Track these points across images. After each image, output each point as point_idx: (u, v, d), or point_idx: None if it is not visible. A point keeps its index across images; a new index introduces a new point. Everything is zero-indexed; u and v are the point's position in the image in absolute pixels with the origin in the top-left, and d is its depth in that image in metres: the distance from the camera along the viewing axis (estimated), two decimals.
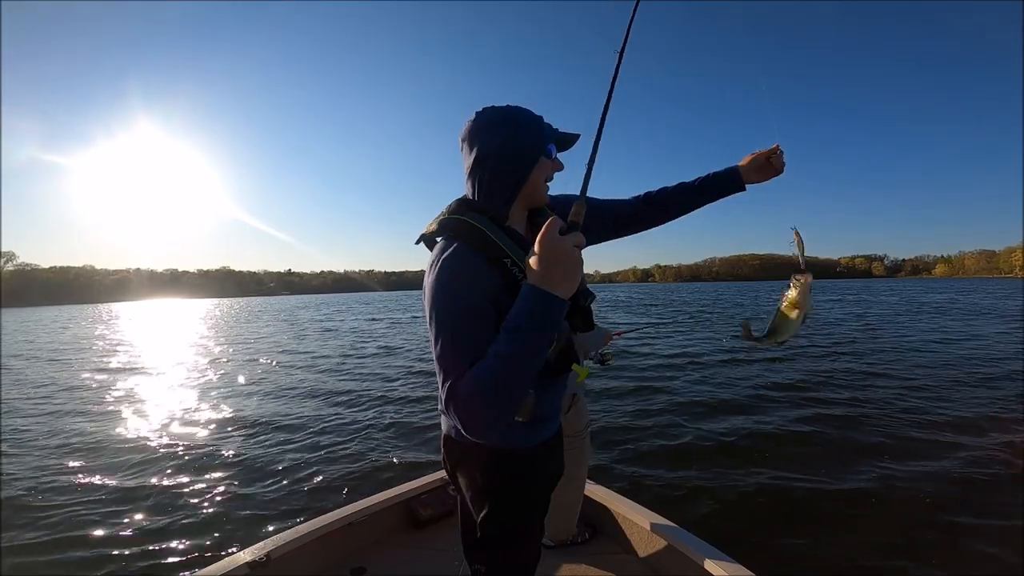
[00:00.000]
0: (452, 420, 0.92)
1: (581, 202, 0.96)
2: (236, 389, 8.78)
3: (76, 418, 7.00)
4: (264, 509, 3.84)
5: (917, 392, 6.72)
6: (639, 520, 2.28)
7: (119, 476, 4.63)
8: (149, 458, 5.11)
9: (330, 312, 37.45)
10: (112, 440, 5.83)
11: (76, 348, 17.21)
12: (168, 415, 6.97)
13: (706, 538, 2.08)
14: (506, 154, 1.06)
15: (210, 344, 17.00)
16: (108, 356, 14.47)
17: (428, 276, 1.02)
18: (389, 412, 6.56)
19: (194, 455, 5.15)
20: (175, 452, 5.28)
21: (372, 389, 8.16)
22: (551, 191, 1.19)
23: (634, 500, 2.44)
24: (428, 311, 0.99)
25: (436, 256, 1.03)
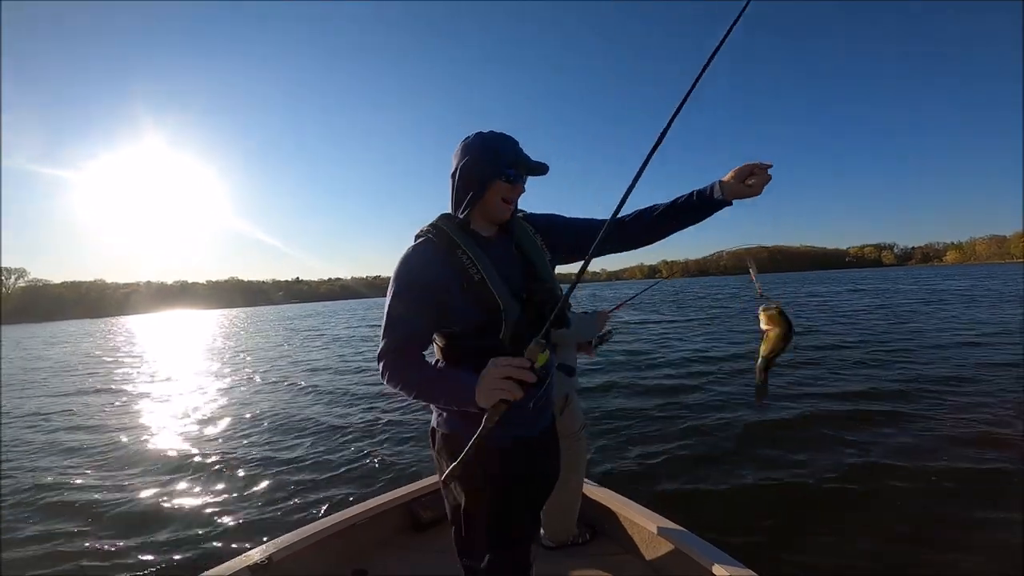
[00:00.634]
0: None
1: (538, 342, 1.04)
2: (237, 394, 8.85)
3: (85, 425, 7.10)
4: (266, 511, 3.87)
5: (949, 384, 6.61)
6: (639, 520, 2.28)
7: (121, 479, 4.68)
8: (151, 461, 5.17)
9: (334, 320, 37.42)
10: (116, 445, 5.92)
11: (88, 362, 17.35)
12: (172, 421, 7.05)
13: (708, 538, 2.07)
14: (468, 174, 1.26)
15: (216, 353, 17.12)
16: (115, 368, 14.58)
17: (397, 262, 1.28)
18: (389, 414, 6.57)
19: (196, 459, 5.20)
20: (177, 456, 5.35)
21: (373, 392, 8.17)
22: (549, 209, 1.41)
23: (634, 500, 2.44)
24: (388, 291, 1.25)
25: (405, 253, 1.26)
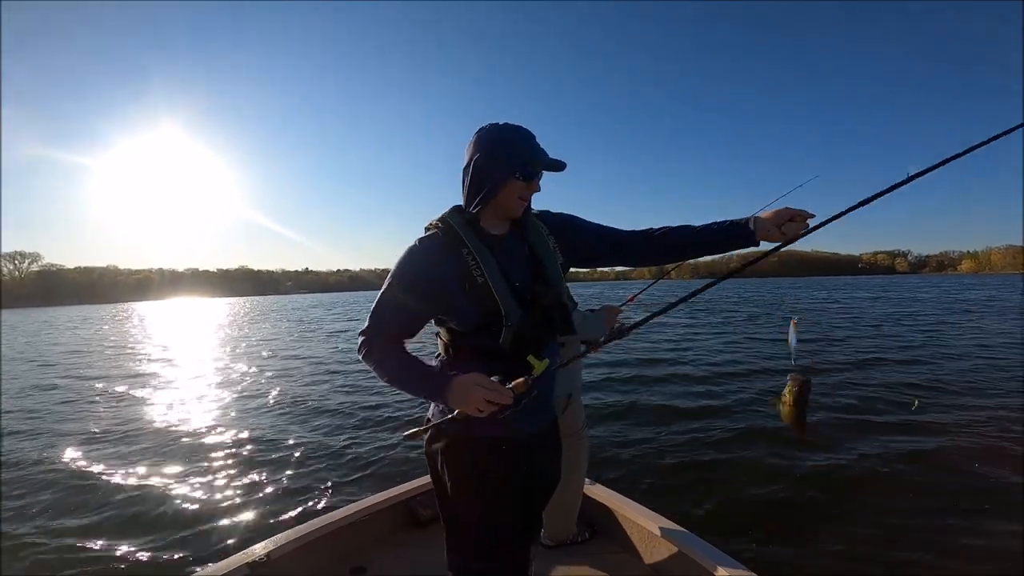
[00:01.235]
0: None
1: (525, 380, 1.11)
2: (236, 388, 8.86)
3: (85, 418, 7.09)
4: (265, 508, 3.87)
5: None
6: (639, 520, 2.27)
7: (120, 476, 4.66)
8: (151, 458, 5.16)
9: (339, 311, 37.77)
10: (115, 440, 5.90)
11: (91, 348, 17.63)
12: (170, 415, 7.04)
13: (707, 538, 2.08)
14: (480, 170, 1.22)
15: (219, 344, 17.22)
16: (116, 357, 14.77)
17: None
18: (389, 411, 6.59)
19: (195, 455, 5.20)
20: (177, 452, 5.34)
21: (372, 388, 8.18)
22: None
23: (634, 500, 2.43)
24: None
25: (410, 246, 1.25)
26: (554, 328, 1.25)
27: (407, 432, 1.21)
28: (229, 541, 3.39)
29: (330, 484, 4.28)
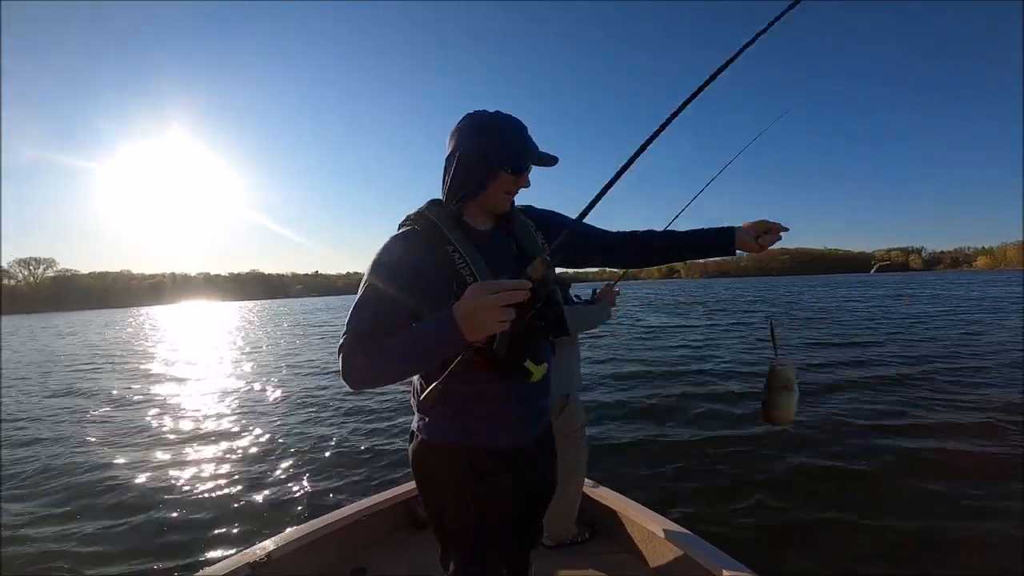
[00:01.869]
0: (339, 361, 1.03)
1: (543, 258, 0.95)
2: (239, 390, 8.90)
3: (86, 420, 7.12)
4: (265, 509, 3.88)
5: None
6: (639, 520, 2.27)
7: (120, 476, 4.68)
8: (150, 459, 5.15)
9: (344, 315, 37.81)
10: (116, 440, 5.92)
11: (104, 353, 17.84)
12: (173, 416, 7.05)
13: (707, 537, 2.06)
14: (469, 161, 1.13)
15: (225, 347, 17.30)
16: (125, 360, 14.94)
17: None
18: (389, 412, 6.58)
19: (195, 456, 5.21)
20: (176, 453, 5.33)
21: (373, 389, 8.15)
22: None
23: (634, 500, 2.43)
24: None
25: (388, 239, 1.15)
26: (548, 329, 1.16)
27: (424, 395, 1.02)
28: (230, 541, 3.40)
29: (330, 484, 4.27)
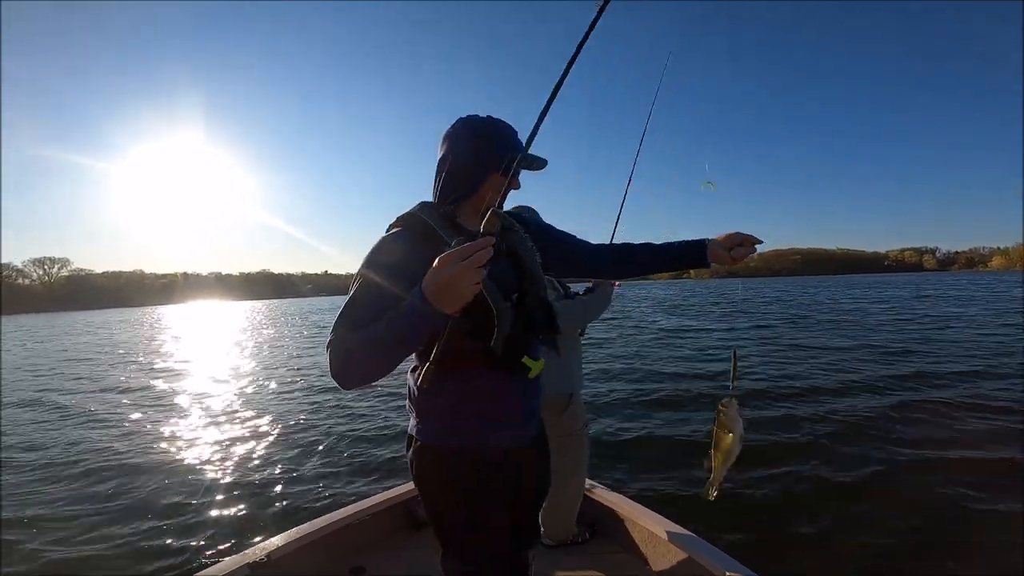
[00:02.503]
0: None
1: (494, 211, 0.97)
2: (239, 388, 8.93)
3: (89, 420, 7.12)
4: (265, 509, 3.86)
5: None
6: (639, 520, 2.25)
7: (120, 475, 4.67)
8: (150, 458, 5.14)
9: None
10: (116, 440, 5.91)
11: (111, 352, 18.02)
12: (172, 416, 7.05)
13: (707, 538, 2.05)
14: (462, 163, 1.16)
15: (231, 345, 17.38)
16: (132, 359, 15.07)
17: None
18: (389, 412, 6.57)
19: (195, 456, 5.19)
20: (175, 453, 5.32)
21: (372, 389, 8.13)
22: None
23: (634, 500, 2.41)
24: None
25: (379, 240, 1.14)
26: (537, 328, 1.18)
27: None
28: (229, 541, 3.38)
29: (330, 485, 4.26)
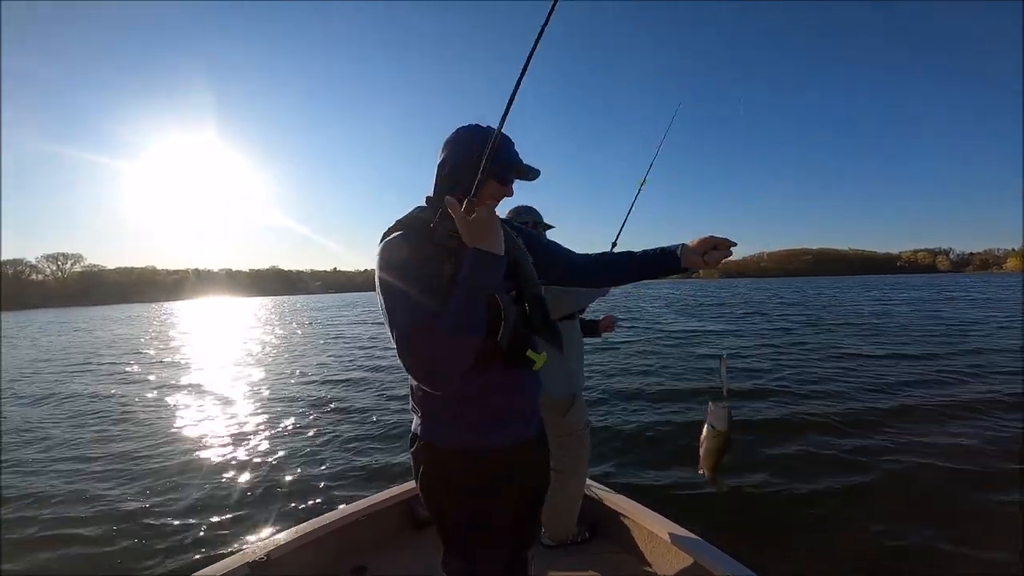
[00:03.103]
0: (406, 367, 1.04)
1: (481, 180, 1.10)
2: (242, 387, 8.97)
3: (90, 419, 7.16)
4: (265, 509, 3.87)
5: None
6: (639, 520, 2.25)
7: (120, 475, 4.70)
8: (150, 458, 5.16)
9: (357, 311, 38.14)
10: (115, 439, 5.95)
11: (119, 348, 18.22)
12: (173, 415, 7.08)
13: (706, 537, 2.05)
14: (459, 169, 1.20)
15: (237, 343, 17.51)
16: (140, 356, 15.21)
17: (376, 262, 1.13)
18: (391, 411, 6.60)
19: (195, 455, 5.20)
20: (176, 452, 5.34)
21: (374, 388, 8.19)
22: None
23: (634, 500, 2.41)
24: (378, 289, 1.10)
25: (382, 245, 1.15)
26: (534, 322, 1.23)
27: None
28: (229, 541, 3.39)
29: (330, 484, 4.27)
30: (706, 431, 1.34)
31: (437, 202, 1.21)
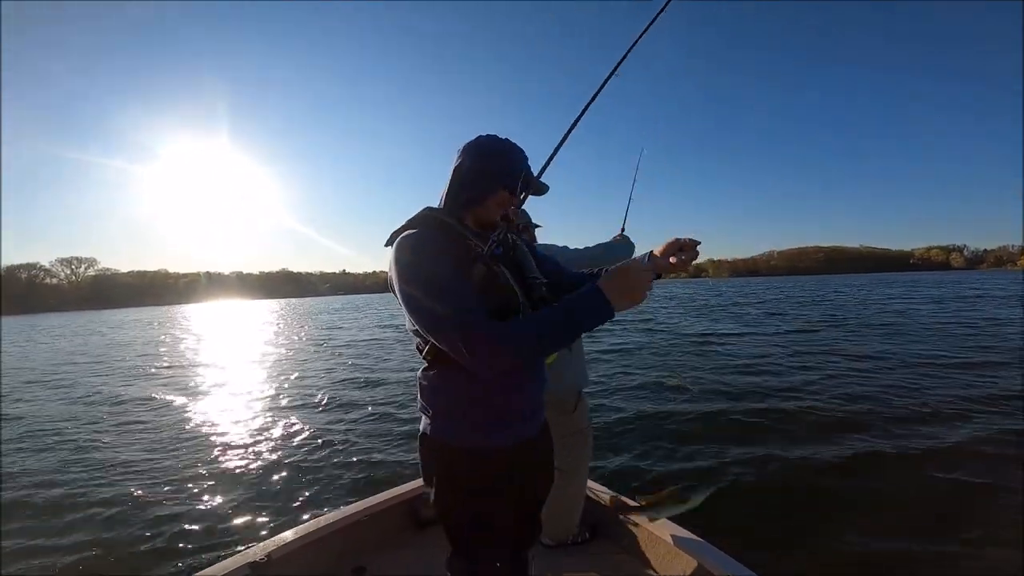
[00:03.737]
0: (472, 361, 1.01)
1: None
2: (241, 389, 8.96)
3: (95, 415, 7.24)
4: (266, 509, 3.85)
5: None
6: (640, 520, 2.23)
7: (119, 474, 4.68)
8: (150, 458, 5.15)
9: (367, 312, 38.09)
10: (117, 438, 5.95)
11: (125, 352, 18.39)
12: (173, 415, 7.08)
13: (707, 538, 2.03)
14: (470, 175, 1.22)
15: (240, 346, 17.45)
16: (148, 358, 15.34)
17: (395, 259, 1.12)
18: (393, 411, 6.57)
19: (195, 455, 5.18)
20: (176, 452, 5.31)
21: (375, 388, 8.16)
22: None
23: (634, 500, 2.38)
24: (403, 287, 1.09)
25: (400, 242, 1.13)
26: None
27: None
28: (230, 541, 3.37)
29: (332, 484, 4.25)
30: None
31: (452, 204, 1.25)
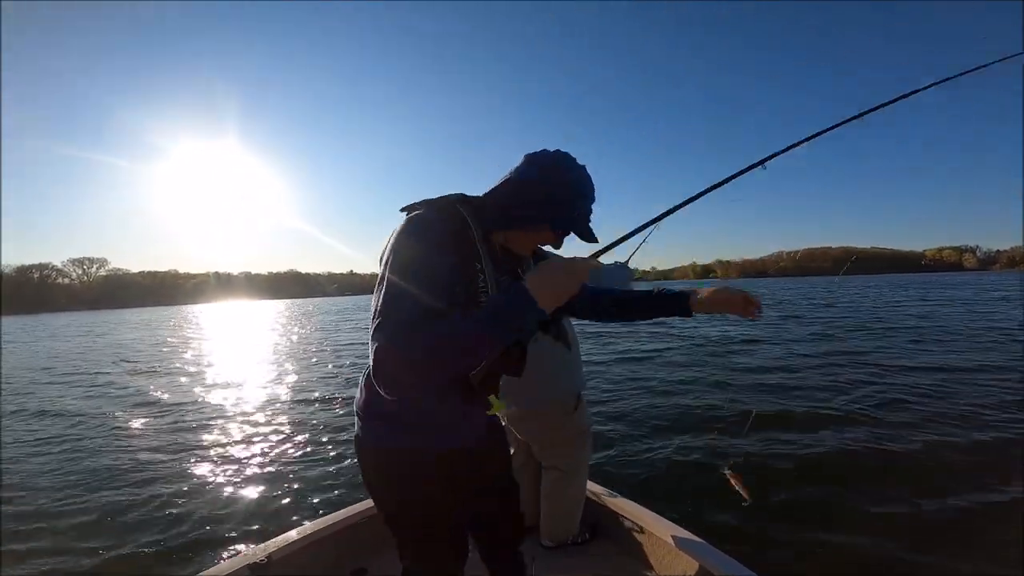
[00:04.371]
0: (405, 344, 0.86)
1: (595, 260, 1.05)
2: (241, 388, 8.94)
3: (96, 415, 7.18)
4: (265, 510, 3.83)
5: None
6: (640, 521, 2.21)
7: (120, 474, 4.67)
8: (150, 458, 5.13)
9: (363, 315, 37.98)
10: (117, 437, 5.93)
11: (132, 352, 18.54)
12: (173, 415, 7.04)
13: (707, 538, 2.01)
14: (522, 197, 1.10)
15: (243, 347, 17.42)
16: (152, 357, 15.41)
17: (398, 231, 1.02)
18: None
19: (195, 456, 5.16)
20: (176, 452, 5.28)
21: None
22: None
23: (635, 500, 2.37)
24: (388, 257, 0.98)
25: (412, 216, 1.04)
26: (548, 328, 1.25)
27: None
28: (230, 542, 3.36)
29: (331, 485, 4.24)
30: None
31: (497, 214, 1.12)
